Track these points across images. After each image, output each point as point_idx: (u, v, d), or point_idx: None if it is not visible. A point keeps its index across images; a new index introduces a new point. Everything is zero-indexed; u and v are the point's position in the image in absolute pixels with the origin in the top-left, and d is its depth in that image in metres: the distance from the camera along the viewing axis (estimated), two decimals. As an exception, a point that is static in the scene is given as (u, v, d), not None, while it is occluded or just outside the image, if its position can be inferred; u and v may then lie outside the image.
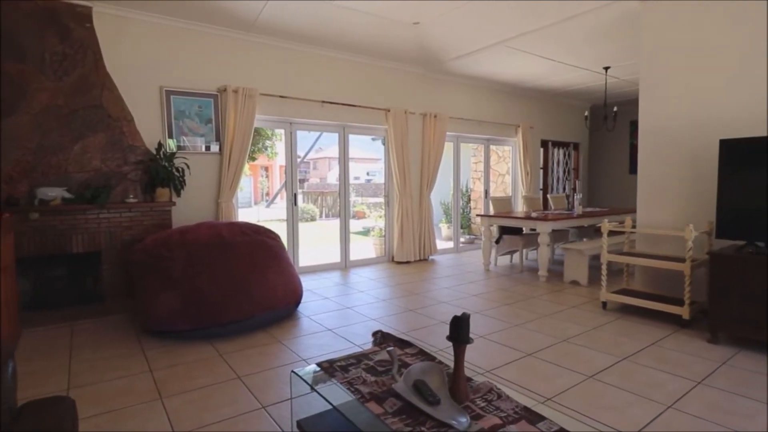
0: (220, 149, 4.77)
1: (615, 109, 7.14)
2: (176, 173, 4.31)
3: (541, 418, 1.46)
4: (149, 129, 4.36)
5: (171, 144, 4.47)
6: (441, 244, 7.44)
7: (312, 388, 1.73)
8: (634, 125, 8.35)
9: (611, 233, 4.17)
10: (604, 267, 3.99)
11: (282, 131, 5.43)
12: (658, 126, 4.02)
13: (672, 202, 3.96)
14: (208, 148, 4.71)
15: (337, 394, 1.65)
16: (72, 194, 3.79)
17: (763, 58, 3.39)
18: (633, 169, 8.71)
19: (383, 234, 6.58)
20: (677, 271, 3.71)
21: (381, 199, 6.76)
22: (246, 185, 16.20)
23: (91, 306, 3.94)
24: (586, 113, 7.07)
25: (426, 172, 6.50)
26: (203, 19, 4.50)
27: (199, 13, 4.34)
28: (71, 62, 3.88)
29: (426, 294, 4.57)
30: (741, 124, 3.50)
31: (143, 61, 4.34)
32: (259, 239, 3.77)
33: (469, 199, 9.54)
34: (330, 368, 1.83)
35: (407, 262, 6.30)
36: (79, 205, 3.78)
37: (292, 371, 1.87)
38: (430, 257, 6.68)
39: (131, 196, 4.13)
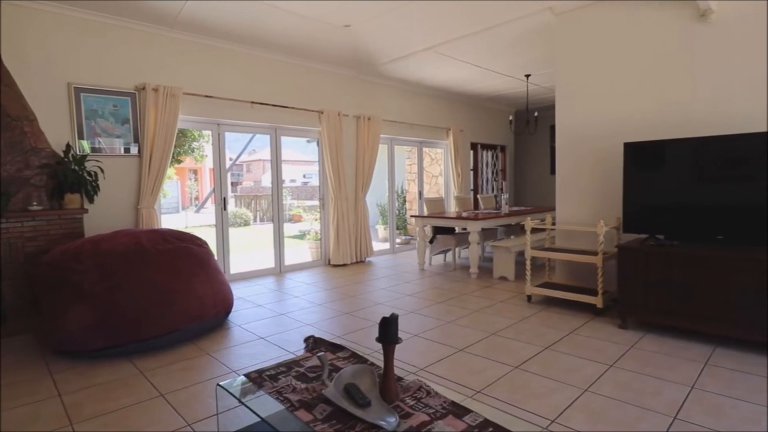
0: (139, 151, 4.45)
1: (536, 114, 7.61)
2: (88, 177, 3.96)
3: (467, 411, 1.51)
4: (56, 129, 3.97)
5: (84, 146, 4.10)
6: (377, 246, 7.49)
7: (239, 401, 1.66)
8: (553, 129, 8.92)
9: (534, 230, 4.44)
10: (528, 262, 4.23)
11: (209, 132, 5.20)
12: (571, 130, 4.35)
13: (585, 200, 4.29)
14: (127, 150, 4.38)
15: (267, 404, 1.60)
16: (-39, 202, 3.36)
17: (659, 69, 3.78)
18: (553, 170, 9.30)
19: (319, 237, 6.50)
20: (591, 264, 4.02)
21: (317, 202, 6.68)
22: (172, 190, 15.28)
23: (-13, 327, 3.51)
24: (511, 118, 7.49)
25: (361, 174, 6.51)
26: (118, 13, 4.18)
27: (112, 5, 4.02)
28: (-43, 54, 3.44)
29: (362, 296, 4.58)
30: (643, 128, 3.87)
31: (48, 55, 3.94)
32: (184, 246, 3.57)
33: (405, 201, 9.71)
34: (258, 378, 1.77)
35: (344, 265, 6.27)
36: (-31, 215, 3.36)
37: (218, 384, 1.79)
38: (367, 259, 6.70)
39: (35, 203, 3.73)
